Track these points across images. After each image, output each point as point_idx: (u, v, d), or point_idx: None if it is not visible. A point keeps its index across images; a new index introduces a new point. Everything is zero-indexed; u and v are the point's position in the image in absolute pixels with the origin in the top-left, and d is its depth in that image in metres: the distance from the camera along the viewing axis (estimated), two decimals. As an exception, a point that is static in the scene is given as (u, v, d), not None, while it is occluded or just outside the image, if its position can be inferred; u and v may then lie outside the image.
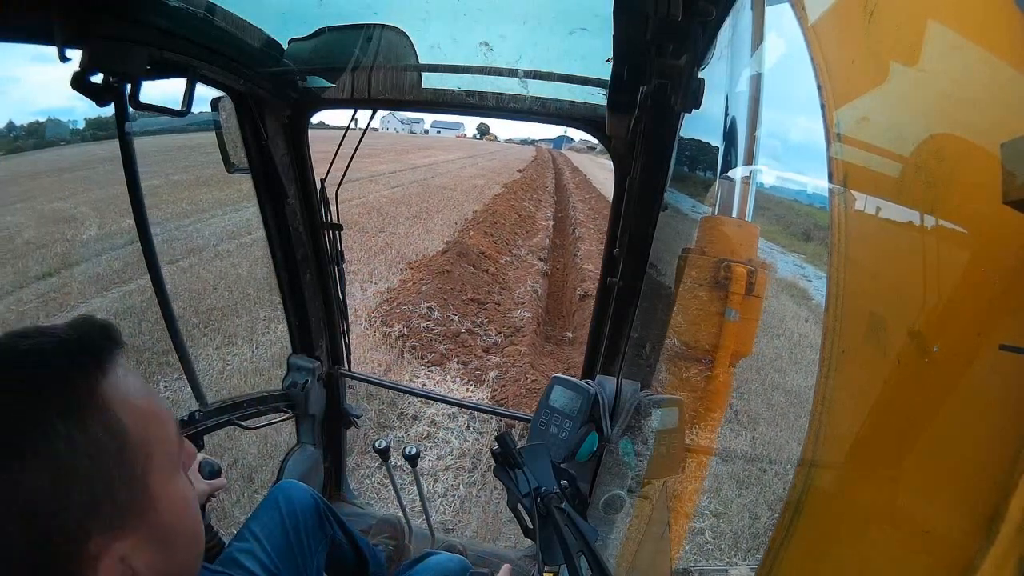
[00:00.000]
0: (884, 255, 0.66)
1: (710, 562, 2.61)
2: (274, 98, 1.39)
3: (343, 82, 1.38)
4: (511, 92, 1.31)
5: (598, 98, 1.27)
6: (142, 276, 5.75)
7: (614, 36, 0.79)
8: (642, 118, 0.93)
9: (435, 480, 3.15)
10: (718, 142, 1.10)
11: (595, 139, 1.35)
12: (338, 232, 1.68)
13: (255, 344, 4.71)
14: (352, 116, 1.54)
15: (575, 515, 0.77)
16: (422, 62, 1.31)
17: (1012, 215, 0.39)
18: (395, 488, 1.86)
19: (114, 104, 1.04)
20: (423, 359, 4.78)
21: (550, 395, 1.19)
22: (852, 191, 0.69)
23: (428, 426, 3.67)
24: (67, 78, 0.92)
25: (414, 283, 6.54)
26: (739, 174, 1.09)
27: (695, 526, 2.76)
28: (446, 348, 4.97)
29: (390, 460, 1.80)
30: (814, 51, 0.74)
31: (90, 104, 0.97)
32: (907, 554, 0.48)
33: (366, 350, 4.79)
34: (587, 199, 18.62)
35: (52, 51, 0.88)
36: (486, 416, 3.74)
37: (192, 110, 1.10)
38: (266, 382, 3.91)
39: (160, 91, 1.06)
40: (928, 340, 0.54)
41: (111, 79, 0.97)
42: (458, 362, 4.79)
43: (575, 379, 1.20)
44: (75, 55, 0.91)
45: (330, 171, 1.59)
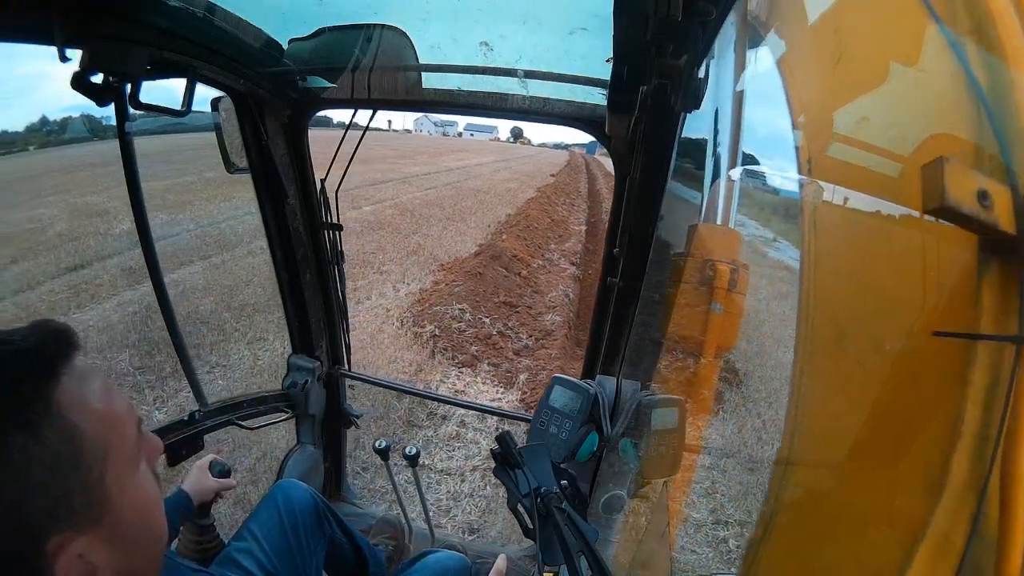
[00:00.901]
0: (845, 265, 0.67)
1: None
2: (274, 98, 1.39)
3: (343, 82, 1.38)
4: (511, 92, 1.31)
5: (598, 98, 1.27)
6: (172, 271, 5.81)
7: (614, 36, 0.79)
8: (642, 118, 0.93)
9: (462, 480, 3.15)
10: (704, 149, 1.11)
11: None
12: (338, 232, 1.68)
13: (285, 340, 4.73)
14: (352, 116, 1.54)
15: (575, 515, 0.77)
16: (422, 62, 1.31)
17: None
18: (395, 488, 1.86)
19: (114, 104, 1.05)
20: (454, 360, 4.75)
21: (550, 395, 1.19)
22: (821, 196, 0.70)
23: (457, 426, 3.66)
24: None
25: (446, 284, 6.50)
26: (723, 182, 1.11)
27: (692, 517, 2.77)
28: (477, 350, 4.94)
29: (390, 460, 1.80)
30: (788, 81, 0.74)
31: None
32: (875, 529, 0.52)
33: (397, 350, 4.78)
34: (620, 204, 18.44)
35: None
36: (515, 420, 3.72)
37: (192, 110, 1.11)
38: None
39: (160, 91, 1.07)
40: (883, 339, 0.58)
41: (111, 79, 0.97)
42: (489, 364, 4.76)
43: (575, 379, 1.20)
44: (75, 55, 0.91)
45: (330, 171, 1.59)
